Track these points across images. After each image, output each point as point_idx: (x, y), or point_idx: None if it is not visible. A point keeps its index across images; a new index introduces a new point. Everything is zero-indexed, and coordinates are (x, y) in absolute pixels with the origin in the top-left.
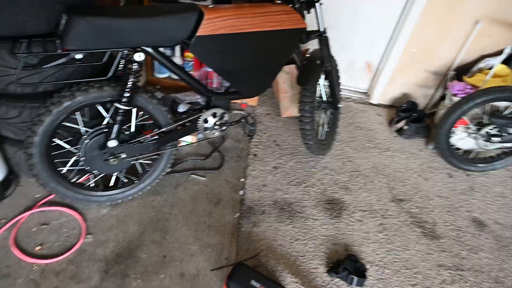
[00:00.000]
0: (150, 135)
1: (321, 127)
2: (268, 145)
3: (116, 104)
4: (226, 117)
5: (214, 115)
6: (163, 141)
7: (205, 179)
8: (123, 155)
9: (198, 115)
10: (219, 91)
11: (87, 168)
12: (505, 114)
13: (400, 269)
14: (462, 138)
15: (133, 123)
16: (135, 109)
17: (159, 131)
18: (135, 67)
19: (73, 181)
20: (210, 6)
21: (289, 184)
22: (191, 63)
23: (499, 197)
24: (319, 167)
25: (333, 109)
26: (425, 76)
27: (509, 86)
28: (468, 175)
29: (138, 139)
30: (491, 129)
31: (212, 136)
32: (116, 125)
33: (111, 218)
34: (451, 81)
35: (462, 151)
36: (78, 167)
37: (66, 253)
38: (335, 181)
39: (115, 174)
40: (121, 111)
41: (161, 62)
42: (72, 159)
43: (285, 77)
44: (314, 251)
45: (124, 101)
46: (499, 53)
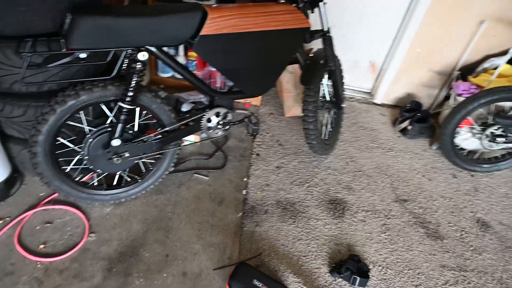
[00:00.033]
0: (153, 134)
1: (324, 127)
2: (271, 144)
3: (119, 103)
4: (229, 116)
5: (217, 115)
6: (166, 140)
7: (208, 178)
8: (127, 154)
9: (201, 115)
10: (223, 91)
11: (91, 167)
12: (510, 114)
13: (403, 269)
14: (466, 138)
15: (136, 122)
16: (138, 108)
17: (162, 130)
18: (139, 66)
19: (76, 179)
20: (213, 5)
21: (292, 183)
22: (195, 62)
23: (503, 198)
24: (322, 167)
25: (336, 109)
26: (430, 76)
27: None
28: (472, 176)
29: (141, 138)
30: (496, 130)
31: (215, 135)
32: (119, 124)
33: (115, 217)
34: (456, 81)
35: (466, 151)
36: (81, 166)
37: (69, 251)
38: (338, 181)
39: (118, 173)
40: (124, 110)
41: (164, 61)
42: (76, 158)
43: (289, 76)
44: (316, 251)
45: (127, 100)
46: (505, 53)
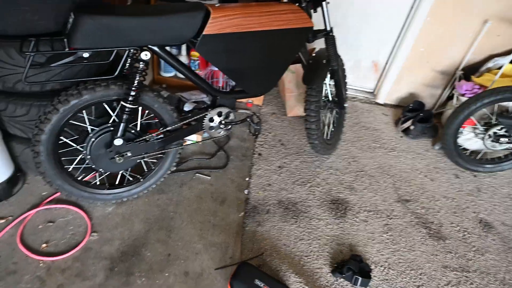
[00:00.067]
0: (155, 133)
1: (326, 127)
2: (273, 144)
3: (122, 102)
4: (231, 116)
5: (219, 114)
6: (168, 140)
7: (210, 178)
8: (129, 154)
9: (203, 114)
10: (225, 90)
11: (93, 166)
12: None
13: (405, 270)
14: (469, 138)
15: (139, 121)
16: (141, 108)
17: (164, 130)
18: (141, 66)
19: (79, 179)
20: (216, 5)
21: (294, 183)
22: (197, 62)
23: (506, 198)
24: (324, 167)
25: (339, 109)
26: (433, 75)
27: None
28: (475, 176)
29: (143, 138)
30: (499, 130)
31: (217, 135)
32: (122, 124)
33: (117, 216)
34: (459, 80)
35: (469, 151)
36: (84, 165)
37: (71, 250)
38: (340, 181)
39: (120, 172)
40: (127, 109)
41: (167, 61)
42: (78, 157)
43: (291, 76)
44: (318, 251)
45: (130, 99)
46: (508, 52)
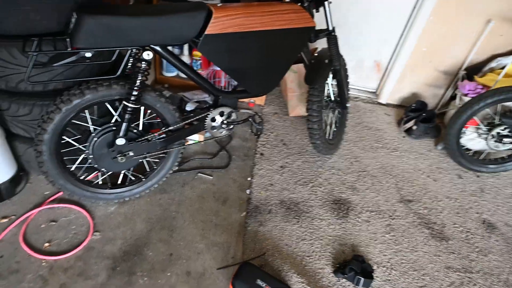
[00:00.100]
0: (157, 133)
1: (329, 127)
2: (275, 144)
3: (124, 102)
4: (233, 116)
5: (221, 114)
6: (170, 140)
7: (212, 177)
8: (131, 153)
9: (205, 114)
10: (227, 90)
11: (95, 165)
12: None
13: (407, 270)
14: (472, 138)
15: (141, 121)
16: (143, 108)
17: (166, 130)
18: (143, 65)
19: (81, 178)
20: (218, 4)
21: (296, 183)
22: (199, 61)
23: (510, 198)
24: (326, 167)
25: (341, 109)
26: (435, 75)
27: None
28: (478, 176)
29: (146, 137)
30: (502, 130)
31: (219, 135)
32: (124, 123)
33: (119, 215)
34: (462, 80)
35: (472, 151)
36: (86, 165)
37: (74, 250)
38: (343, 181)
39: (122, 172)
40: (129, 109)
41: (169, 60)
42: (80, 157)
43: (293, 76)
44: (320, 251)
45: (132, 99)
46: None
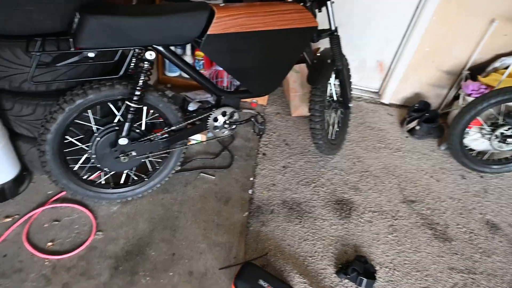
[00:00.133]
0: (160, 133)
1: (331, 127)
2: (277, 144)
3: (127, 102)
4: (236, 116)
5: (224, 114)
6: (173, 140)
7: (214, 177)
8: (134, 153)
9: (208, 114)
10: (229, 90)
11: (98, 165)
12: None
13: (410, 271)
14: (476, 139)
15: (143, 121)
16: (145, 108)
17: (169, 130)
18: (146, 65)
19: (84, 178)
20: (221, 4)
21: (298, 183)
22: (202, 61)
23: None
24: (328, 167)
25: (343, 109)
26: (438, 75)
27: None
28: (481, 177)
29: (148, 137)
30: (506, 130)
31: (221, 135)
32: (126, 123)
33: (121, 215)
34: (465, 80)
35: (475, 152)
36: (89, 164)
37: (77, 249)
38: (345, 181)
39: (125, 171)
40: (132, 109)
41: (172, 60)
42: (83, 157)
43: (296, 76)
44: (323, 251)
45: (135, 99)
46: None
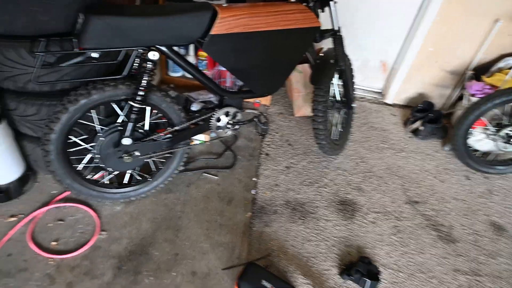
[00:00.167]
0: (163, 133)
1: (334, 127)
2: (280, 144)
3: (130, 102)
4: (238, 116)
5: (227, 114)
6: (176, 140)
7: (217, 178)
8: (137, 153)
9: (211, 114)
10: (232, 90)
11: (102, 165)
12: None
13: (414, 272)
14: (480, 139)
15: (147, 121)
16: (149, 108)
17: (172, 130)
18: (149, 65)
19: (88, 178)
20: (224, 5)
21: (302, 184)
22: (205, 62)
23: None
24: (332, 167)
25: (346, 109)
26: (442, 75)
27: None
28: (486, 178)
29: (151, 137)
30: (510, 131)
31: (224, 135)
32: (130, 123)
33: (125, 215)
34: (469, 81)
35: (480, 152)
36: (93, 164)
37: (80, 249)
38: (348, 182)
39: (129, 171)
40: (135, 109)
41: (175, 61)
42: (87, 156)
43: (298, 76)
44: (326, 252)
45: (138, 99)
46: None
